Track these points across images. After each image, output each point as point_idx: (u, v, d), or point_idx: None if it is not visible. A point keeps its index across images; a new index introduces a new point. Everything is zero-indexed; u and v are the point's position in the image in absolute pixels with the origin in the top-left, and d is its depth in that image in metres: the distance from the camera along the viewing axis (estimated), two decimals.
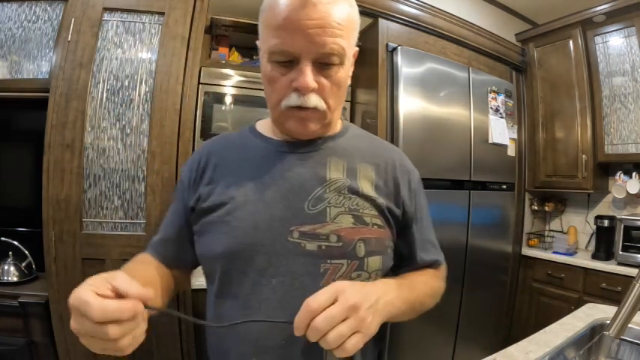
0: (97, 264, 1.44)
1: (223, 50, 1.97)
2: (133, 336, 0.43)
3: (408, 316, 0.65)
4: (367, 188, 0.65)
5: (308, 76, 0.56)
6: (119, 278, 0.43)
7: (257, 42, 0.64)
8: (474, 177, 2.16)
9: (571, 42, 2.48)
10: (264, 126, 0.72)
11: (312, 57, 0.56)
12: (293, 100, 0.58)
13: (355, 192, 0.63)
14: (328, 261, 0.59)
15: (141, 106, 1.52)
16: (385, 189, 0.67)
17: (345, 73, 0.61)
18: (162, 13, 1.55)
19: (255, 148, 0.68)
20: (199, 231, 0.65)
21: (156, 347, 1.48)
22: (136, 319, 0.42)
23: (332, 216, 0.60)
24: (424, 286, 0.69)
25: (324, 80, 0.58)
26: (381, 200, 0.65)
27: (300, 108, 0.59)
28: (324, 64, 0.57)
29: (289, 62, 0.57)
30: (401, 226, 0.69)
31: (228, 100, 1.81)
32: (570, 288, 2.27)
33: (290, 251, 0.58)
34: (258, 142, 0.69)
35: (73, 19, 1.46)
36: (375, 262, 0.62)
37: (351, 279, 0.59)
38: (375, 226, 0.63)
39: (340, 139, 0.69)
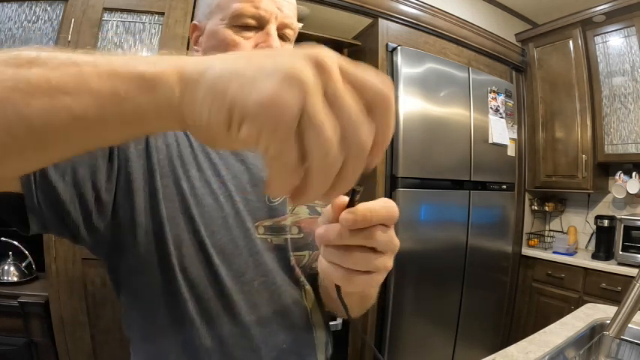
0: (97, 264, 1.44)
1: None
2: None
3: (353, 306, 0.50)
4: None
5: (276, 36, 0.55)
6: None
7: (195, 21, 0.60)
8: (474, 177, 2.16)
9: (571, 42, 2.48)
10: None
11: (277, 23, 0.56)
12: None
13: None
14: (293, 253, 0.58)
15: None
16: None
17: None
18: (162, 13, 1.55)
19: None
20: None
21: None
22: None
23: (291, 207, 0.60)
24: None
25: None
26: None
27: None
28: (280, 37, 0.58)
29: (252, 28, 0.56)
30: None
31: None
32: (570, 288, 2.26)
33: (259, 249, 0.56)
34: None
35: (73, 20, 1.46)
36: None
37: (312, 269, 0.60)
38: None
39: None
